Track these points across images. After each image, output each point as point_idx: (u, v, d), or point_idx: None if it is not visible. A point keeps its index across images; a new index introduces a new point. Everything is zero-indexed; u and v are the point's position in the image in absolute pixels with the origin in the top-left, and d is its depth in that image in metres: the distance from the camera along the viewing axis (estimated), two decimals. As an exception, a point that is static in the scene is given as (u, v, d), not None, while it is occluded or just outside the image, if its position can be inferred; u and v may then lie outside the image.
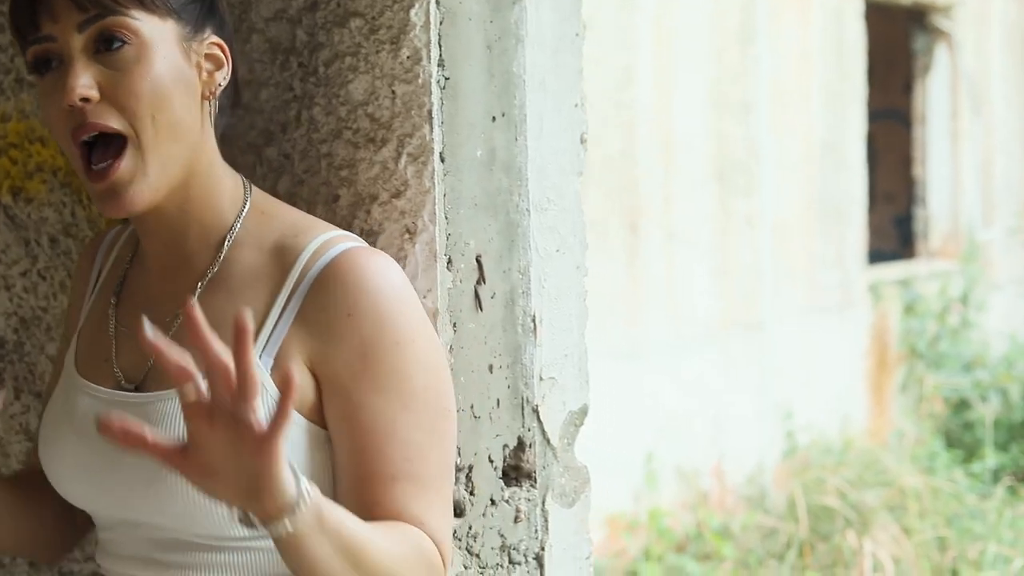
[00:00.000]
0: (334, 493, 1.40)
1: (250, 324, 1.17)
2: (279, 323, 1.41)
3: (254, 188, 1.52)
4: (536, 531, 1.69)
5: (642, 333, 6.76)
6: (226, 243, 1.46)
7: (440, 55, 1.58)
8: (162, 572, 1.43)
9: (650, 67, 6.75)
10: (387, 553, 1.34)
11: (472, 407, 1.62)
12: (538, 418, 1.69)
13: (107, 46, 1.37)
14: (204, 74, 1.44)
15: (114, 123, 1.37)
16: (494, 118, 1.63)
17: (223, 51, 1.46)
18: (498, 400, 1.65)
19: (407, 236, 1.58)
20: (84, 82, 1.36)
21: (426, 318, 1.46)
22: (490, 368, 1.64)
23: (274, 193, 1.64)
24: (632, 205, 6.66)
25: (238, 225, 1.47)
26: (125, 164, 1.37)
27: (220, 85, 1.45)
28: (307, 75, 1.63)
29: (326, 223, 1.50)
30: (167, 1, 1.41)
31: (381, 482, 1.39)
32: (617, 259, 6.56)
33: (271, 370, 1.39)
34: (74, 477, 1.45)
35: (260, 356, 1.39)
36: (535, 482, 1.69)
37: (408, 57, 1.57)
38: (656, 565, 6.09)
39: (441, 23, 1.58)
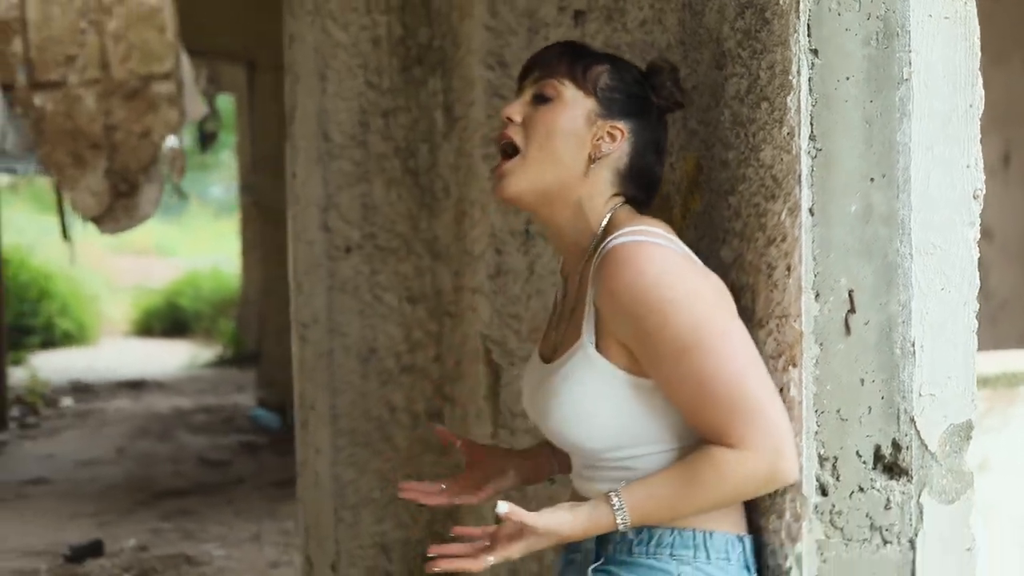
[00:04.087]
0: (659, 428, 1.98)
1: (511, 517, 1.91)
2: (589, 307, 2.00)
3: (622, 210, 2.07)
4: (910, 519, 2.04)
5: None
6: (590, 245, 2.06)
7: (812, 131, 1.99)
8: (586, 483, 2.09)
9: None
10: (692, 487, 1.92)
11: (839, 411, 2.02)
12: (915, 427, 2.03)
13: (541, 100, 2.09)
14: (596, 140, 2.06)
15: (517, 138, 2.07)
16: (872, 179, 2.00)
17: (622, 135, 2.07)
18: (870, 407, 2.03)
19: (785, 272, 2.03)
20: (516, 111, 2.10)
21: (689, 277, 1.93)
22: (861, 381, 2.02)
23: (731, 235, 2.18)
24: None
25: (599, 232, 2.06)
26: (510, 164, 2.07)
27: (605, 153, 2.05)
28: (745, 145, 2.13)
29: (643, 223, 2.01)
30: (597, 88, 2.07)
31: (697, 414, 1.92)
32: None
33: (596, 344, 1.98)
34: (535, 417, 2.16)
35: (584, 335, 1.99)
36: (911, 479, 2.04)
37: (788, 133, 2.01)
38: None
39: (814, 105, 1.99)
